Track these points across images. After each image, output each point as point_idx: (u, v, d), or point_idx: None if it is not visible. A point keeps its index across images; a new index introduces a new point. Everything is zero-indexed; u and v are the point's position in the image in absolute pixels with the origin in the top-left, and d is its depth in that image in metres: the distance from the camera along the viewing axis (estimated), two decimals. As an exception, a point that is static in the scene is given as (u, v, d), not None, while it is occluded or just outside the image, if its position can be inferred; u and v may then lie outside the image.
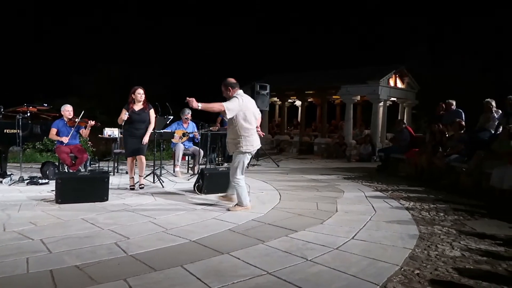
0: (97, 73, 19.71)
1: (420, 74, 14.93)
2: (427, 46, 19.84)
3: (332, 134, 14.49)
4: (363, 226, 4.01)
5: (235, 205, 4.67)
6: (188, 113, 8.00)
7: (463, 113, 8.01)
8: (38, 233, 3.55)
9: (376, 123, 12.58)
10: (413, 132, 9.47)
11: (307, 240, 3.49)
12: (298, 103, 16.68)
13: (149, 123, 5.96)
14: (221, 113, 4.48)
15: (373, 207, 4.94)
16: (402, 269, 2.87)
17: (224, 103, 4.37)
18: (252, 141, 4.56)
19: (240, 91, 4.61)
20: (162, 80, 19.98)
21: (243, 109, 4.45)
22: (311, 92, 15.06)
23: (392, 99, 13.76)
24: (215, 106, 4.37)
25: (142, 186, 5.98)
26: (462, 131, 7.22)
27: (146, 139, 5.92)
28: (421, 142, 8.72)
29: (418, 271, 2.83)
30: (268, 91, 9.96)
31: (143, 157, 6.01)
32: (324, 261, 2.99)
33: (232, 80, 4.61)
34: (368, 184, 6.94)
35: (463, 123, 7.35)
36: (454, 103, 8.42)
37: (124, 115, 5.73)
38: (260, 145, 4.80)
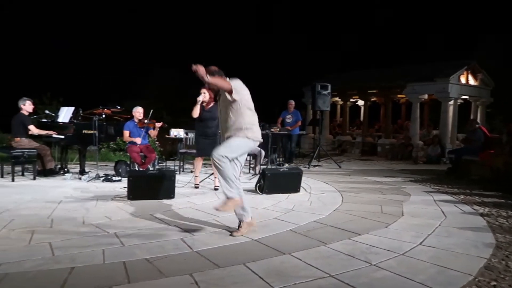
0: (160, 76, 20.70)
1: (495, 69, 13.79)
2: (503, 39, 18.27)
3: (397, 135, 13.90)
4: (432, 232, 3.80)
5: (222, 203, 3.61)
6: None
7: None
8: (112, 226, 3.81)
9: (445, 123, 11.85)
10: (487, 132, 8.79)
11: (371, 244, 3.39)
12: (360, 102, 16.22)
13: (219, 121, 6.09)
14: (227, 93, 3.62)
15: (442, 212, 4.67)
16: (476, 279, 2.68)
17: (230, 81, 3.62)
18: (258, 131, 3.79)
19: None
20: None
21: (245, 94, 3.71)
22: (374, 91, 14.57)
23: (464, 97, 12.88)
24: (224, 84, 3.59)
25: (217, 187, 5.95)
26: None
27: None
28: (496, 143, 8.07)
29: (495, 283, 2.62)
30: (329, 90, 9.81)
31: None
32: (389, 266, 2.89)
33: (215, 68, 3.77)
34: (437, 187, 6.56)
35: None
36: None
37: (196, 109, 5.83)
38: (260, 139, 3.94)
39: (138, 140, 6.78)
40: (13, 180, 6.31)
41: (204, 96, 5.88)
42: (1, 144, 10.17)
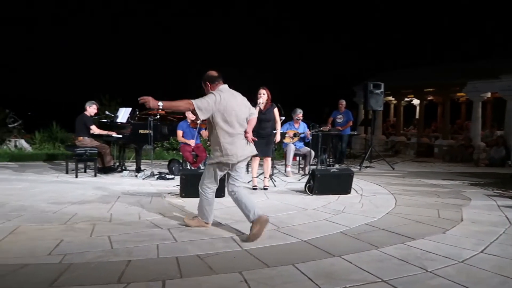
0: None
1: None
2: None
3: (456, 135, 13.16)
4: (495, 239, 3.55)
5: (193, 217, 3.90)
6: (299, 113, 8.07)
7: None
8: (165, 223, 3.96)
9: (510, 123, 11.03)
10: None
11: (426, 250, 3.23)
12: (415, 101, 15.54)
13: (274, 122, 6.14)
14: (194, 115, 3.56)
15: (507, 219, 4.35)
16: (546, 292, 2.47)
17: (193, 100, 3.42)
18: (235, 150, 3.58)
19: (223, 86, 3.68)
20: (272, 81, 20.59)
21: (220, 109, 3.50)
22: (431, 89, 13.89)
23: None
24: (181, 105, 3.49)
25: (267, 187, 6.07)
26: None
27: (277, 138, 6.18)
28: None
29: None
30: (382, 90, 9.49)
31: (269, 159, 6.16)
32: (446, 274, 2.74)
33: (211, 73, 3.72)
34: (501, 191, 6.13)
35: None
36: None
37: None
38: (251, 154, 3.83)
39: (192, 142, 7.01)
40: (76, 177, 6.76)
41: (263, 97, 5.94)
42: (66, 142, 10.95)
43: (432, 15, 22.37)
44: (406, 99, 15.63)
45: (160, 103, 3.36)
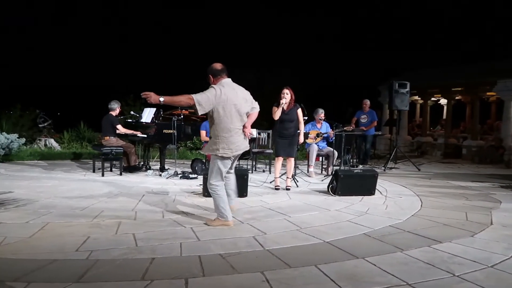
0: (233, 77, 21.25)
1: None
2: None
3: (486, 136, 12.73)
4: (527, 244, 3.42)
5: (214, 219, 3.92)
6: (321, 113, 8.00)
7: None
8: (189, 221, 4.00)
9: (545, 123, 10.59)
10: None
11: (453, 253, 3.14)
12: (443, 101, 15.14)
13: (297, 122, 6.12)
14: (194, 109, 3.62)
15: (540, 223, 4.18)
16: None
17: (194, 95, 3.52)
18: (232, 144, 3.71)
19: (225, 80, 3.76)
20: (294, 81, 20.50)
21: (220, 103, 3.60)
22: (459, 89, 13.49)
23: None
24: (182, 99, 3.55)
25: (289, 187, 6.04)
26: None
27: (301, 139, 6.18)
28: None
29: None
30: (408, 89, 9.29)
31: (292, 159, 6.13)
32: (474, 278, 2.65)
33: (215, 65, 3.79)
34: (534, 195, 5.89)
35: None
36: None
37: (278, 111, 5.88)
38: (247, 148, 3.93)
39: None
40: (102, 175, 6.92)
41: (286, 97, 5.92)
42: (93, 142, 11.24)
43: (460, 14, 21.76)
44: (433, 99, 15.24)
45: (161, 98, 3.46)
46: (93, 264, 2.79)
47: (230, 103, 3.65)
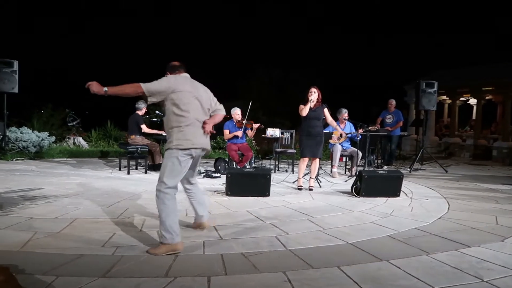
0: (257, 77, 21.28)
1: None
2: None
3: (518, 137, 12.28)
4: (562, 250, 3.27)
5: (158, 245, 3.11)
6: (344, 113, 7.91)
7: None
8: (211, 220, 4.03)
9: None
10: None
11: (482, 258, 3.04)
12: (472, 101, 14.71)
13: (324, 121, 6.07)
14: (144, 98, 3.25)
15: None
16: None
17: (142, 84, 3.12)
18: (188, 135, 3.18)
19: (184, 74, 3.41)
20: (318, 80, 20.37)
21: (176, 91, 3.18)
22: (490, 88, 13.06)
23: None
24: (128, 89, 3.12)
25: (312, 188, 6.01)
26: None
27: (343, 133, 6.23)
28: None
29: None
30: (435, 89, 9.07)
31: (318, 160, 6.08)
32: (504, 284, 2.56)
33: (173, 62, 3.47)
34: None
35: None
36: None
37: (306, 108, 5.90)
38: (207, 146, 3.39)
39: (239, 133, 7.13)
40: (128, 173, 7.07)
41: (314, 96, 5.91)
42: (119, 140, 11.49)
43: (490, 12, 21.05)
44: (462, 99, 14.83)
45: (105, 88, 3.06)
46: (119, 259, 2.85)
47: (187, 92, 3.24)
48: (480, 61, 15.58)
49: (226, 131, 7.31)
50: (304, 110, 5.90)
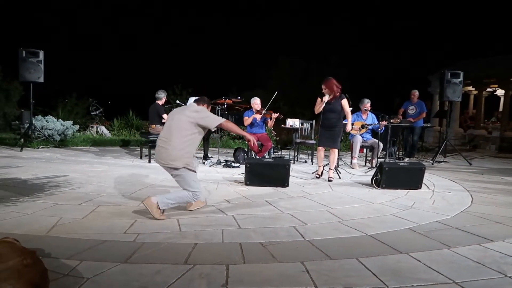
0: (278, 67, 21.12)
1: None
2: None
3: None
4: None
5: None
6: (367, 104, 7.79)
7: None
8: (230, 209, 4.07)
9: None
10: None
11: (506, 253, 2.97)
12: (499, 92, 14.24)
13: (341, 113, 6.00)
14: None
15: None
16: None
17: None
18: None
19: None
20: (339, 71, 20.07)
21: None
22: (519, 78, 12.62)
23: None
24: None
25: (331, 179, 5.98)
26: None
27: (348, 127, 6.17)
28: None
29: None
30: (461, 79, 8.80)
31: (336, 150, 6.05)
32: (529, 281, 2.50)
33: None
34: None
35: None
36: None
37: (319, 104, 5.91)
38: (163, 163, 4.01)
39: (258, 116, 7.15)
40: (149, 162, 7.18)
41: (326, 96, 5.86)
42: (140, 130, 11.67)
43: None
44: (489, 89, 14.38)
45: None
46: (140, 246, 2.91)
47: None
48: (509, 51, 15.01)
49: (246, 117, 7.33)
50: (316, 108, 6.00)
